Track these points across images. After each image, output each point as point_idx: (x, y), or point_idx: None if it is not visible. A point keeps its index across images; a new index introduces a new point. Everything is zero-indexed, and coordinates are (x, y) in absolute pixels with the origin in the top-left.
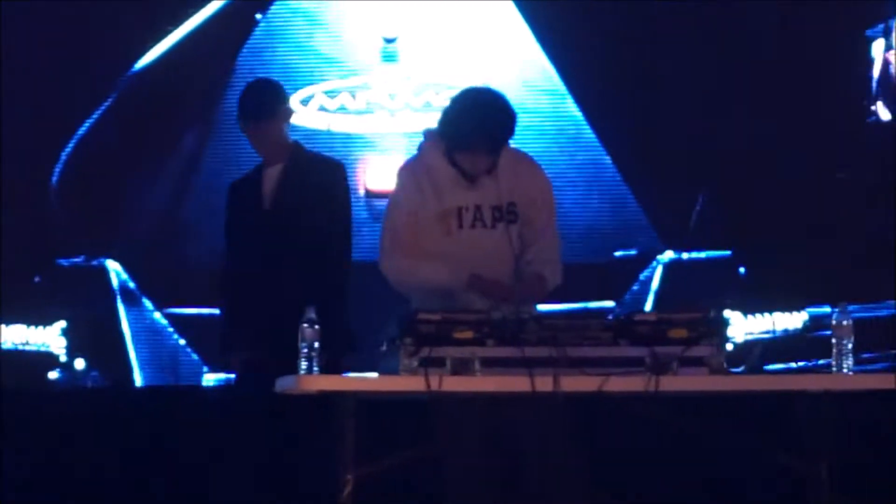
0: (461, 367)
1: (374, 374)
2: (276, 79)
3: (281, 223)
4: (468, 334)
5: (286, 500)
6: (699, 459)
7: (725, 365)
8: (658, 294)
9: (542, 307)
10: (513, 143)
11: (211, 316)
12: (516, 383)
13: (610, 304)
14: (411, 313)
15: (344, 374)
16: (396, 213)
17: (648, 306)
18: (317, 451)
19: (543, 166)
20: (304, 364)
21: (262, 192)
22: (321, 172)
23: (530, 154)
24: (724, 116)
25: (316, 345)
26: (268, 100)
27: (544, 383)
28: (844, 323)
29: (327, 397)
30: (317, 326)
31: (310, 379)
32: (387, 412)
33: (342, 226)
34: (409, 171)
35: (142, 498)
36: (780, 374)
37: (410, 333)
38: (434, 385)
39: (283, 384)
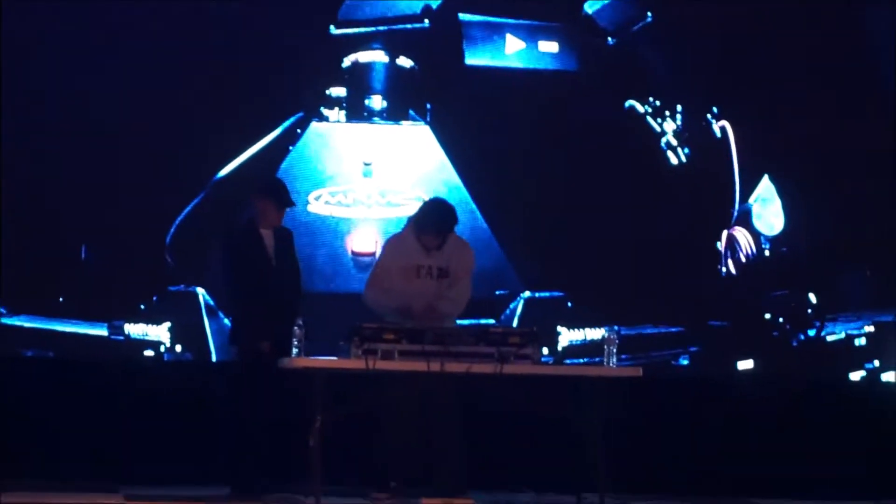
0: (387, 355)
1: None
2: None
3: (279, 272)
4: (392, 336)
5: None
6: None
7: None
8: (521, 318)
9: (460, 321)
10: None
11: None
12: (418, 366)
13: (492, 321)
14: (359, 324)
15: (317, 357)
16: (377, 265)
17: (515, 324)
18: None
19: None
20: (295, 351)
21: (266, 247)
22: (289, 238)
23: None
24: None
25: (303, 340)
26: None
27: (435, 366)
28: (610, 336)
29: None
30: (303, 329)
31: (299, 360)
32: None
33: (298, 278)
34: (392, 241)
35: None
36: (573, 365)
37: (357, 335)
38: (370, 365)
39: (284, 362)
